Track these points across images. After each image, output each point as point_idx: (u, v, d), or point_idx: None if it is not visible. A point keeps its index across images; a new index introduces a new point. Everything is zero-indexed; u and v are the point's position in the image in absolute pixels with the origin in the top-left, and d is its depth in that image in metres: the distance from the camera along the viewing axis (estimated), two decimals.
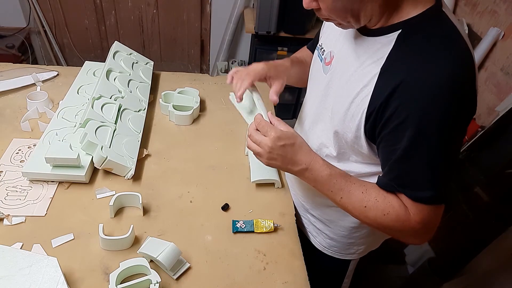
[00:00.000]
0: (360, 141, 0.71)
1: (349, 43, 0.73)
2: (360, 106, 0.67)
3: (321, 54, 0.83)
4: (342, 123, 0.72)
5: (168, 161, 1.07)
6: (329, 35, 0.82)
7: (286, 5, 2.17)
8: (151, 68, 1.39)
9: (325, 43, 0.83)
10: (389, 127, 0.63)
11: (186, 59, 2.87)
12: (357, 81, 0.68)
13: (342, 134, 0.74)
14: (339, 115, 0.73)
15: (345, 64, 0.73)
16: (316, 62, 0.86)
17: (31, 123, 1.11)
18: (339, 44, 0.77)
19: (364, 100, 0.66)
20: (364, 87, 0.66)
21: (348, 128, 0.71)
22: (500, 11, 1.68)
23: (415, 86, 0.59)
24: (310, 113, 0.88)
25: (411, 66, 0.60)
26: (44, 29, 2.60)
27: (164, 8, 2.60)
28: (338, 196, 0.73)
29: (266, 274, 0.83)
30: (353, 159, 0.79)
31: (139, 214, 0.91)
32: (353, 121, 0.69)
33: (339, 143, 0.78)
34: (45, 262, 0.70)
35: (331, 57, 0.79)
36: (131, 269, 0.76)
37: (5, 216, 0.86)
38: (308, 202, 0.97)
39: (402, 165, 0.64)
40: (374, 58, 0.66)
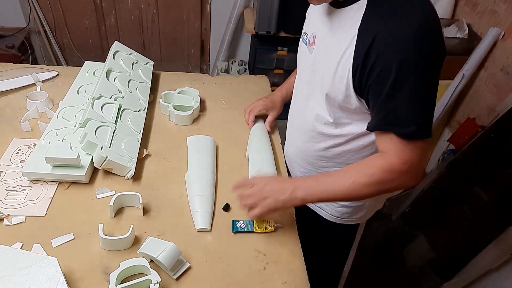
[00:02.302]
0: (350, 100, 0.78)
1: (326, 19, 0.82)
2: (345, 67, 0.75)
3: (305, 39, 0.92)
4: (331, 86, 0.80)
5: (168, 161, 1.07)
6: (310, 21, 0.92)
7: (286, 5, 2.17)
8: (151, 68, 1.39)
9: (307, 27, 0.93)
10: (372, 76, 0.71)
11: (186, 59, 2.87)
12: (339, 46, 0.76)
13: (333, 96, 0.81)
14: (328, 80, 0.80)
15: (326, 38, 0.81)
16: (301, 48, 0.96)
17: (31, 123, 1.11)
18: (318, 24, 0.86)
19: (348, 60, 0.74)
20: (346, 49, 0.74)
21: (338, 89, 0.79)
22: (500, 11, 1.68)
23: (389, 36, 0.68)
24: (302, 92, 0.95)
25: (383, 21, 0.69)
26: (44, 29, 2.60)
27: (164, 8, 2.60)
28: (332, 191, 0.81)
29: (266, 274, 0.83)
30: (348, 120, 0.85)
31: (139, 214, 0.91)
32: (342, 82, 0.77)
33: (332, 107, 0.84)
34: (45, 262, 0.70)
35: (313, 37, 0.87)
36: (131, 269, 0.76)
37: (5, 216, 0.86)
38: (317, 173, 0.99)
39: (387, 104, 0.72)
40: (351, 23, 0.74)
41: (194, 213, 0.91)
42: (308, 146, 0.96)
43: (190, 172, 1.01)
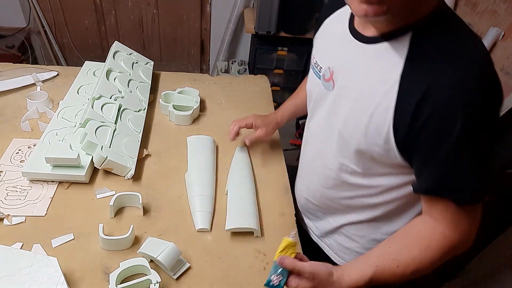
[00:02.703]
0: (391, 153, 0.67)
1: (350, 54, 0.70)
2: (383, 119, 0.64)
3: (318, 72, 0.80)
4: (364, 139, 0.68)
5: (168, 161, 1.07)
6: (323, 50, 0.80)
7: (286, 5, 2.17)
8: (151, 68, 1.39)
9: (320, 59, 0.80)
10: (425, 134, 0.60)
11: (186, 59, 2.87)
12: (373, 91, 0.65)
13: (367, 150, 0.69)
14: (358, 132, 0.68)
15: (352, 77, 0.70)
16: (313, 80, 0.83)
17: (31, 123, 1.11)
18: (336, 58, 0.74)
19: (387, 111, 0.63)
20: (384, 96, 0.63)
21: (375, 143, 0.67)
22: (500, 11, 1.68)
23: (448, 88, 0.57)
24: (317, 134, 0.84)
25: (435, 69, 0.58)
26: (44, 29, 2.59)
27: (164, 8, 2.60)
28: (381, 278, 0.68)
29: (266, 274, 0.82)
30: (380, 172, 0.73)
31: (139, 214, 0.91)
32: (379, 136, 0.65)
33: (364, 160, 0.73)
34: (45, 262, 0.70)
35: (330, 72, 0.75)
36: (131, 269, 0.76)
37: (5, 216, 0.86)
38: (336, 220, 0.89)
39: (444, 167, 0.62)
40: (389, 65, 0.62)
41: (194, 213, 0.91)
42: (329, 193, 0.85)
43: (190, 172, 1.00)
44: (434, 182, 0.64)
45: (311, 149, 0.88)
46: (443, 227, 0.66)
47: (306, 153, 0.92)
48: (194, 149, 1.07)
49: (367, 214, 0.82)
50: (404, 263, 0.67)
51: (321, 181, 0.85)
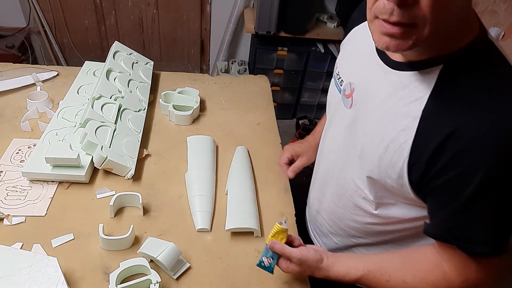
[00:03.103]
0: (404, 189, 0.63)
1: (374, 76, 0.65)
2: (399, 153, 0.60)
3: (339, 84, 0.76)
4: (377, 169, 0.65)
5: (168, 161, 1.07)
6: (346, 63, 0.75)
7: (286, 5, 2.17)
8: (151, 68, 1.39)
9: (342, 72, 0.75)
10: (442, 179, 0.56)
11: (186, 59, 2.87)
12: (392, 122, 0.60)
13: (379, 180, 0.66)
14: (372, 161, 0.65)
15: (373, 100, 0.65)
16: (334, 91, 0.78)
17: (31, 123, 1.11)
18: (359, 76, 0.69)
19: (404, 147, 0.59)
20: (402, 131, 0.58)
21: (387, 175, 0.63)
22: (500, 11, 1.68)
23: (476, 134, 0.51)
24: (334, 148, 0.80)
25: (462, 113, 0.52)
26: (44, 29, 2.60)
27: (164, 8, 2.60)
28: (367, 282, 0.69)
29: (266, 274, 0.82)
30: (392, 203, 0.69)
31: (139, 214, 0.91)
32: (393, 169, 0.62)
33: (375, 188, 0.69)
34: (45, 262, 0.70)
35: (351, 89, 0.71)
36: (131, 269, 0.76)
37: (5, 216, 0.86)
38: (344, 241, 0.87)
39: (458, 217, 0.58)
40: (412, 98, 0.57)
41: (194, 213, 0.91)
42: (340, 212, 0.82)
43: (190, 172, 1.00)
44: (444, 230, 0.60)
45: (326, 164, 0.85)
46: (447, 268, 0.63)
47: (322, 164, 0.88)
48: (194, 149, 1.07)
49: (377, 238, 0.80)
50: (394, 281, 0.66)
51: (334, 198, 0.82)
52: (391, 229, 0.75)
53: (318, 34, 2.34)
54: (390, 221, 0.72)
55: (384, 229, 0.76)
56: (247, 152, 1.11)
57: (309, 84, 2.59)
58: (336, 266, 0.71)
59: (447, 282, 0.63)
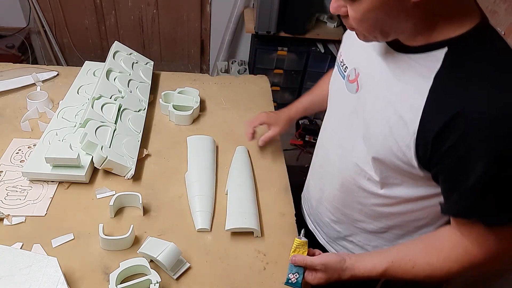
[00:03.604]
0: (411, 166, 0.64)
1: (380, 60, 0.68)
2: (405, 131, 0.61)
3: (342, 71, 0.78)
4: (383, 149, 0.66)
5: (168, 161, 1.07)
6: (350, 49, 0.77)
7: (286, 5, 2.17)
8: (151, 68, 1.39)
9: (346, 58, 0.78)
10: (452, 157, 0.57)
11: (186, 59, 2.87)
12: (398, 103, 0.62)
13: (384, 159, 0.67)
14: (377, 141, 0.67)
15: (379, 84, 0.67)
16: (337, 78, 0.80)
17: (31, 123, 1.11)
18: (364, 61, 0.72)
19: (410, 125, 0.60)
20: (409, 111, 0.60)
21: (393, 154, 0.65)
22: (500, 11, 1.68)
23: (476, 118, 0.53)
24: (336, 135, 0.82)
25: (467, 92, 0.54)
26: (44, 29, 2.60)
27: (164, 8, 2.60)
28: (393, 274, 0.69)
29: (266, 274, 0.82)
30: (398, 182, 0.71)
31: (139, 214, 0.91)
32: (399, 148, 0.63)
33: (381, 168, 0.71)
34: (45, 262, 0.70)
35: (355, 74, 0.73)
36: (131, 269, 0.76)
37: (5, 216, 0.86)
38: (348, 228, 0.87)
39: (475, 194, 0.59)
40: (419, 78, 0.60)
41: (194, 213, 0.91)
42: (343, 197, 0.83)
43: (190, 172, 1.00)
44: (462, 206, 0.61)
45: (328, 151, 0.86)
46: (467, 242, 0.64)
47: (322, 154, 0.89)
48: (194, 149, 1.07)
49: (379, 224, 0.80)
50: (420, 266, 0.67)
51: (336, 184, 0.83)
52: (396, 210, 0.75)
53: (318, 34, 2.34)
54: (396, 201, 0.74)
55: (389, 211, 0.76)
56: (247, 152, 1.11)
57: (309, 84, 2.59)
58: (360, 262, 0.71)
59: (469, 256, 0.64)
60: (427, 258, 0.67)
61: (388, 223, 0.79)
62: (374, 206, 0.78)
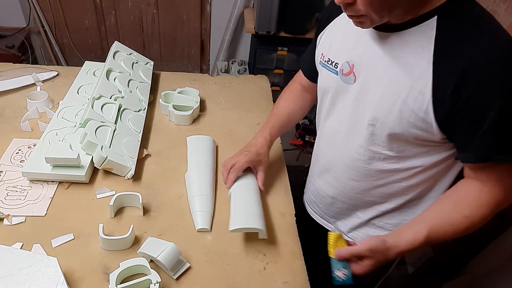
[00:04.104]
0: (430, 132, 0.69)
1: (372, 45, 0.71)
2: (420, 100, 0.66)
3: (333, 68, 0.80)
4: (399, 123, 0.70)
5: (168, 161, 1.07)
6: (335, 46, 0.80)
7: (286, 5, 2.17)
8: (151, 68, 1.40)
9: (333, 56, 0.80)
10: (470, 106, 0.63)
11: (186, 59, 2.88)
12: (405, 76, 0.66)
13: (402, 133, 0.71)
14: (392, 117, 0.70)
15: (377, 66, 0.71)
16: (328, 77, 0.82)
17: (31, 123, 1.11)
18: (355, 51, 0.75)
19: (424, 91, 0.65)
20: (418, 79, 0.65)
21: (411, 125, 0.69)
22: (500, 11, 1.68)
23: (483, 69, 0.60)
24: (339, 129, 0.84)
25: (469, 49, 0.61)
26: (44, 29, 2.60)
27: (164, 8, 2.60)
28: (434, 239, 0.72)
29: (266, 274, 0.82)
30: (413, 153, 0.75)
31: (139, 214, 0.91)
32: (416, 117, 0.67)
33: (397, 143, 0.74)
34: (45, 262, 0.70)
35: (350, 66, 0.76)
36: (131, 269, 0.76)
37: (5, 216, 0.86)
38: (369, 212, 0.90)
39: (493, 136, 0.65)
40: (418, 48, 0.65)
41: (194, 213, 0.91)
42: (360, 185, 0.85)
43: (190, 172, 1.00)
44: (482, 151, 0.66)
45: (332, 147, 0.87)
46: (489, 186, 0.69)
47: (328, 151, 0.90)
48: (194, 149, 1.07)
49: (399, 200, 0.84)
50: (457, 221, 0.71)
51: (351, 175, 0.85)
52: (415, 182, 0.79)
53: None
54: (412, 172, 0.78)
55: (408, 184, 0.80)
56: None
57: None
58: (401, 237, 0.73)
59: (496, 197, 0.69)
60: (461, 212, 0.71)
61: (407, 197, 0.83)
62: (394, 182, 0.81)
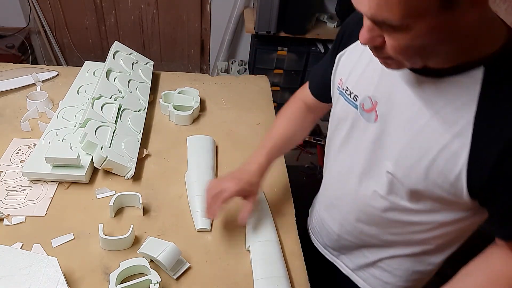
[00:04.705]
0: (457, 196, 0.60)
1: (401, 84, 0.62)
2: (453, 162, 0.57)
3: (351, 100, 0.71)
4: (424, 181, 0.61)
5: (168, 161, 1.07)
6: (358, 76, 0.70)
7: (286, 5, 2.17)
8: (151, 68, 1.40)
9: (355, 87, 0.70)
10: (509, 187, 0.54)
11: (186, 59, 2.87)
12: (438, 130, 0.57)
13: (425, 191, 0.63)
14: (416, 173, 0.61)
15: (406, 112, 0.61)
16: (346, 109, 0.72)
17: (31, 123, 1.11)
18: (382, 88, 0.65)
19: (460, 153, 0.56)
20: (453, 139, 0.56)
21: (437, 185, 0.60)
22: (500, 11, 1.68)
23: None
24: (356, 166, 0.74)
25: None
26: (44, 29, 2.60)
27: (164, 8, 2.60)
28: None
29: None
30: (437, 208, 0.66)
31: (139, 214, 0.91)
32: (445, 179, 0.59)
33: (418, 199, 0.66)
34: (45, 262, 0.70)
35: (372, 103, 0.66)
36: (131, 269, 0.76)
37: (5, 216, 0.86)
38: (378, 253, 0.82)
39: None
40: (459, 103, 0.55)
41: (194, 213, 0.91)
42: (371, 230, 0.78)
43: (190, 172, 1.00)
44: None
45: (344, 184, 0.78)
46: None
47: (335, 187, 0.82)
48: (194, 149, 1.07)
49: (414, 249, 0.76)
50: None
51: (361, 218, 0.77)
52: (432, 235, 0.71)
53: (318, 34, 2.34)
54: (432, 226, 0.69)
55: (426, 236, 0.72)
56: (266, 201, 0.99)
57: None
58: None
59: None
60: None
61: (423, 248, 0.75)
62: (410, 233, 0.73)
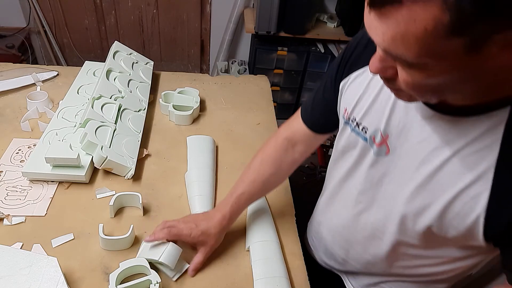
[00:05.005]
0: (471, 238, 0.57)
1: (416, 119, 0.58)
2: (470, 207, 0.54)
3: (360, 131, 0.67)
4: (437, 221, 0.58)
5: (168, 161, 1.07)
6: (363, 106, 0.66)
7: (286, 5, 2.17)
8: (151, 68, 1.40)
9: (363, 119, 0.66)
10: None
11: (186, 59, 2.87)
12: (456, 173, 0.54)
13: (439, 232, 0.60)
14: (430, 213, 0.59)
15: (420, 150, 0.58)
16: (354, 140, 0.69)
17: (31, 123, 1.11)
18: (394, 122, 0.61)
19: (479, 198, 0.52)
20: (474, 182, 0.52)
21: (452, 227, 0.57)
22: None
23: None
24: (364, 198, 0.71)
25: None
26: (44, 29, 2.60)
27: (164, 8, 2.60)
28: None
29: None
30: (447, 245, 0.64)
31: (139, 214, 0.91)
32: (462, 221, 0.55)
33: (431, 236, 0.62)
34: (45, 262, 0.70)
35: (382, 136, 0.63)
36: (131, 269, 0.76)
37: (5, 216, 0.86)
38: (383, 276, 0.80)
39: None
40: (481, 145, 0.51)
41: (194, 213, 0.91)
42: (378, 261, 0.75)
43: (190, 172, 1.00)
44: None
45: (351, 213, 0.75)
46: None
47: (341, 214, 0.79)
48: (194, 149, 1.07)
49: (422, 278, 0.74)
50: None
51: (368, 250, 0.75)
52: (440, 270, 0.70)
53: (318, 34, 2.34)
54: (441, 261, 0.68)
55: (435, 270, 0.70)
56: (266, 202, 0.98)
57: (309, 84, 2.60)
58: None
59: None
60: None
61: (431, 278, 0.73)
62: (418, 267, 0.71)
